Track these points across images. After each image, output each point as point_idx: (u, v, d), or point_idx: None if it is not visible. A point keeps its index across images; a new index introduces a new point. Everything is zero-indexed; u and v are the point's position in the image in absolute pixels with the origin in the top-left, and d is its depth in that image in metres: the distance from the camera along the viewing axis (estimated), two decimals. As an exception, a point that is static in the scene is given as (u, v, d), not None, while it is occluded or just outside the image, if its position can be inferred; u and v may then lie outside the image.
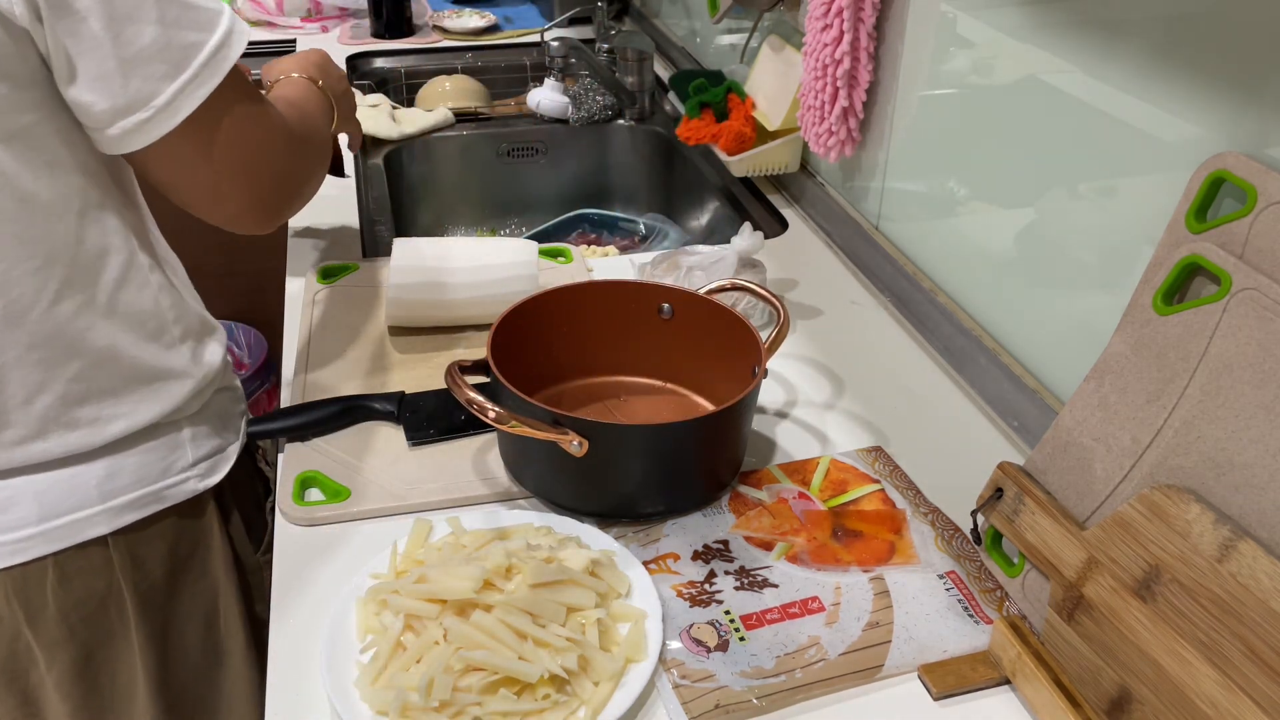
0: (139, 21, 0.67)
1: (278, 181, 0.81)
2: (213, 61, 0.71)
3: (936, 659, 0.73)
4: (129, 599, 0.86)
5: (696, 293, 0.96)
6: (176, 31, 0.68)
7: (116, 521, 0.83)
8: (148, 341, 0.82)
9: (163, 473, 0.85)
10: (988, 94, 0.99)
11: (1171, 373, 0.67)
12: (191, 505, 0.88)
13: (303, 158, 0.86)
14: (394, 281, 1.05)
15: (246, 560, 0.95)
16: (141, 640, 0.88)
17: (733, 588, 0.78)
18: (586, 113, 1.72)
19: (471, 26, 2.10)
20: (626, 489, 0.85)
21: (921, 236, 1.15)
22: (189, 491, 0.87)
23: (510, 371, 0.84)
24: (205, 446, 0.89)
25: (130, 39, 0.67)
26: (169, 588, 0.89)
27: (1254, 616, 0.57)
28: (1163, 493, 0.64)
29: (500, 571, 0.74)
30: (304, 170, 0.87)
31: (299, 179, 0.85)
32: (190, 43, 0.69)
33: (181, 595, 0.90)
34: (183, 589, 0.90)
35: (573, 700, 0.68)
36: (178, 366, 0.84)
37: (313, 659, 0.73)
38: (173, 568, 0.88)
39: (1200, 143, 0.74)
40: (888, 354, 1.10)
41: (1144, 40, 0.79)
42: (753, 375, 0.86)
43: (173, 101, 0.69)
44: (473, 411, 0.79)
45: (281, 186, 0.82)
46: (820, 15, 1.16)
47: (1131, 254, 0.83)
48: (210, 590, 0.92)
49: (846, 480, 0.90)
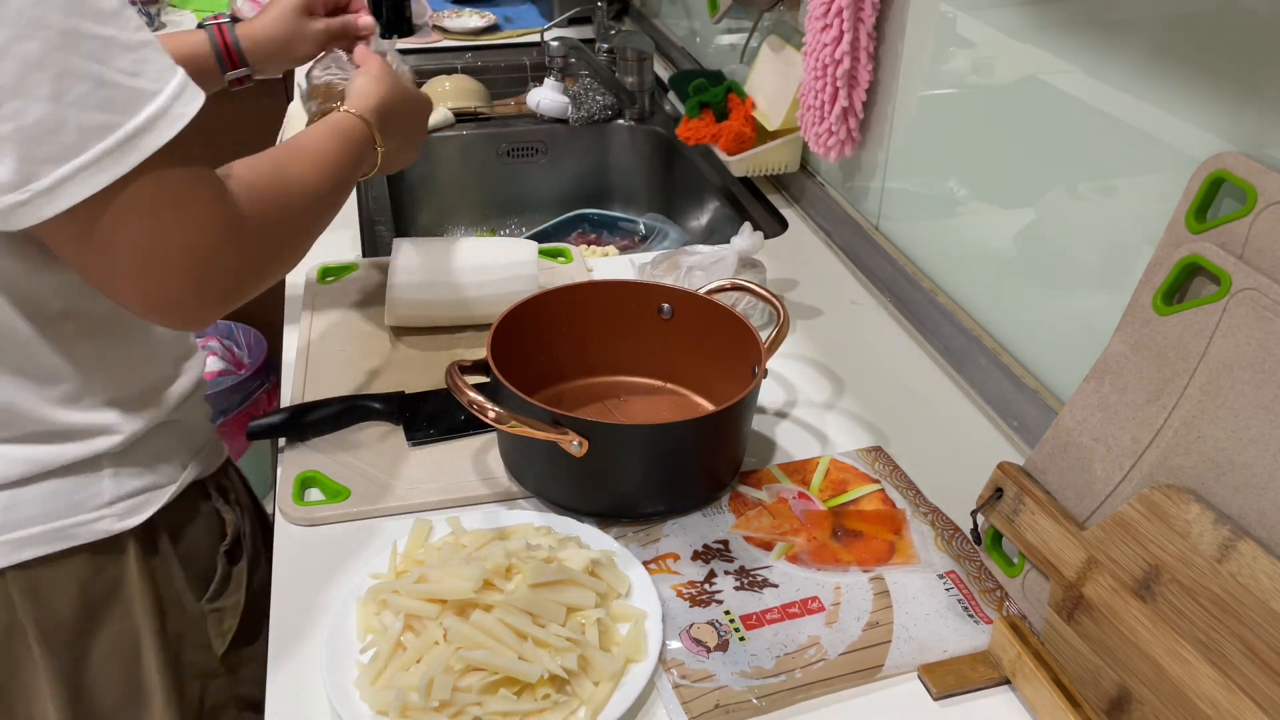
0: (24, 96, 0.58)
1: (205, 280, 0.67)
2: (122, 149, 0.61)
3: (936, 659, 0.73)
4: (32, 635, 0.81)
5: (696, 293, 0.96)
6: (77, 111, 0.59)
7: (16, 556, 0.77)
8: (61, 405, 0.76)
9: (71, 509, 0.78)
10: (988, 94, 0.99)
11: (1171, 373, 0.67)
12: (107, 545, 0.81)
13: (259, 244, 0.71)
14: (394, 281, 1.06)
15: (185, 605, 0.88)
16: (50, 676, 0.83)
17: (733, 588, 0.78)
18: (586, 113, 1.72)
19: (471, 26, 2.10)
20: (626, 489, 0.85)
21: (921, 236, 1.15)
22: (102, 531, 0.80)
23: (510, 371, 0.84)
24: (130, 485, 0.81)
25: (9, 115, 0.58)
26: (80, 627, 0.82)
27: (1254, 616, 0.57)
28: (1163, 493, 0.64)
29: (500, 571, 0.74)
30: (260, 256, 0.72)
31: (246, 271, 0.71)
32: (94, 125, 0.60)
33: (96, 635, 0.83)
34: (98, 629, 0.83)
35: (573, 700, 0.68)
36: (101, 424, 0.78)
37: (313, 659, 0.73)
38: (85, 608, 0.82)
39: (1200, 143, 0.74)
40: (888, 354, 1.10)
41: (1144, 40, 0.79)
42: (753, 375, 0.86)
43: (55, 188, 0.60)
44: (473, 412, 0.79)
45: (211, 283, 0.68)
46: (820, 15, 1.16)
47: (1131, 254, 0.83)
48: (131, 633, 0.85)
49: (846, 480, 0.90)
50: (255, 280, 0.72)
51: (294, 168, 0.78)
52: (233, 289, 0.70)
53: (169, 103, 0.63)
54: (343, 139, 0.85)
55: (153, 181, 0.63)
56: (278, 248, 0.75)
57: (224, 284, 0.69)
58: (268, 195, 0.73)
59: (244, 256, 0.69)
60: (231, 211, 0.68)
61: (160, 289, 0.66)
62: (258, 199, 0.71)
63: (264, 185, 0.74)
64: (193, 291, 0.67)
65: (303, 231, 0.79)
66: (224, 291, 0.69)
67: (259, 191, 0.72)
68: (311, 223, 0.80)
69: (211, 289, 0.68)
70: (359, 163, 0.88)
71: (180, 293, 0.66)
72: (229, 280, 0.69)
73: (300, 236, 0.79)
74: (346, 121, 0.87)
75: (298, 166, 0.78)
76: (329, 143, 0.84)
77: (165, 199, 0.64)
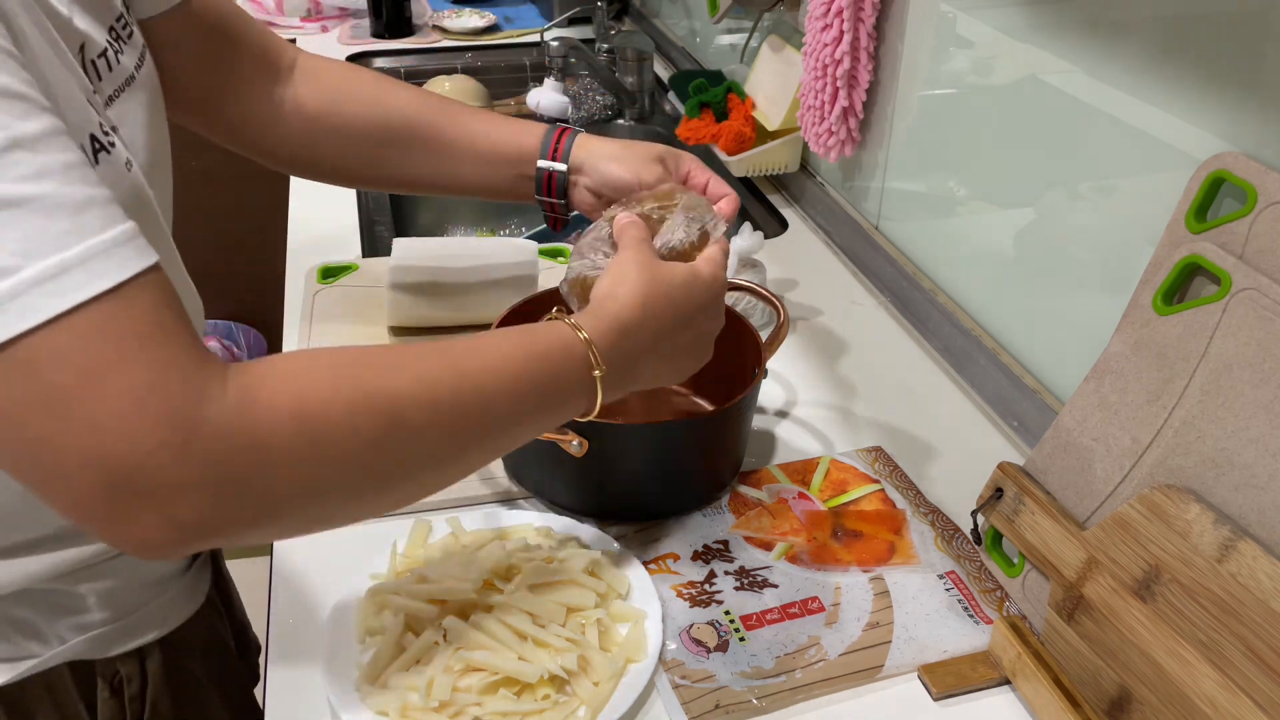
0: None
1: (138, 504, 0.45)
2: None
3: (936, 659, 0.73)
4: None
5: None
6: None
7: None
8: None
9: None
10: (988, 94, 0.99)
11: (1171, 373, 0.67)
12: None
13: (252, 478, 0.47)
14: (394, 281, 1.05)
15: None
16: None
17: (733, 588, 0.78)
18: (586, 113, 1.72)
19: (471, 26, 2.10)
20: (626, 489, 0.85)
21: (921, 236, 1.15)
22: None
23: (510, 372, 0.84)
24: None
25: None
26: None
27: (1254, 616, 0.57)
28: (1163, 493, 0.64)
29: (500, 572, 0.74)
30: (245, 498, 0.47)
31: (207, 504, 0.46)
32: None
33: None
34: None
35: (572, 700, 0.68)
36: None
37: (313, 659, 0.73)
38: None
39: (1200, 143, 0.74)
40: (888, 354, 1.10)
41: (1144, 40, 0.79)
42: (753, 376, 0.86)
43: None
44: (473, 412, 0.79)
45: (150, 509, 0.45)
46: (820, 15, 1.16)
47: (1131, 254, 0.83)
48: None
49: (846, 480, 0.90)
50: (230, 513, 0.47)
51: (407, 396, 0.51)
52: (182, 518, 0.46)
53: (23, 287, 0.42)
54: (539, 373, 0.58)
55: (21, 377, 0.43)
56: (279, 480, 0.48)
57: (162, 509, 0.45)
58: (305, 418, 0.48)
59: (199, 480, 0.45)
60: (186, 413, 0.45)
61: (66, 504, 0.45)
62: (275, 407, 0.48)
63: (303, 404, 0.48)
64: (104, 512, 0.45)
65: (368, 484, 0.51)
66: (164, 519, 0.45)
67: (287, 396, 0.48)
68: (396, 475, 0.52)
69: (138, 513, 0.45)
70: (553, 413, 0.60)
71: (90, 511, 0.45)
72: (169, 504, 0.45)
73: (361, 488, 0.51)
74: (560, 345, 0.59)
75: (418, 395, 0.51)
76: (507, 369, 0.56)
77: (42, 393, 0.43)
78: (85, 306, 0.43)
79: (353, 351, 0.52)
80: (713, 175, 0.85)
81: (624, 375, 0.63)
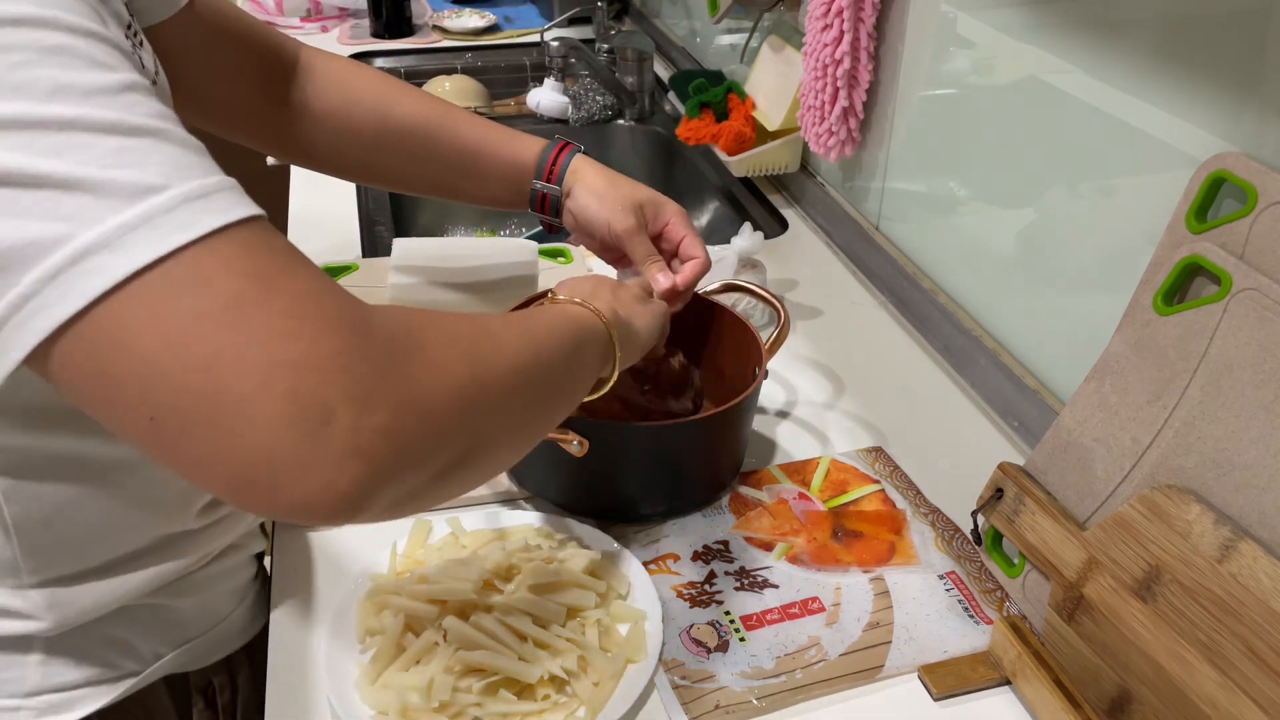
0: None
1: (315, 430, 0.40)
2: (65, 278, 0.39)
3: (936, 659, 0.73)
4: None
5: (696, 293, 0.96)
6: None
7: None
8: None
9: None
10: (988, 94, 0.99)
11: (1172, 373, 0.67)
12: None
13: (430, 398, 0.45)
14: (394, 281, 1.05)
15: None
16: None
17: (733, 588, 0.78)
18: (586, 113, 1.72)
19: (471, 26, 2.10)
20: (627, 490, 0.85)
21: (921, 236, 1.15)
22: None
23: (510, 372, 0.84)
24: (62, 676, 0.65)
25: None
26: None
27: (1254, 617, 0.57)
28: (1163, 493, 0.64)
29: (500, 572, 0.74)
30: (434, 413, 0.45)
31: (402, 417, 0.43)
32: (21, 242, 0.39)
33: None
34: None
35: (573, 701, 0.68)
36: (19, 608, 0.63)
37: (313, 659, 0.73)
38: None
39: (1200, 143, 0.74)
40: (888, 354, 1.10)
41: (1144, 40, 0.79)
42: (753, 376, 0.86)
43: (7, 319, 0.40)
44: (473, 412, 0.79)
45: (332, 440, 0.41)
46: (820, 15, 1.16)
47: (1132, 254, 0.83)
48: None
49: (847, 480, 0.90)
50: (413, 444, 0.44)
51: (498, 330, 0.54)
52: (373, 444, 0.42)
53: (176, 202, 0.42)
54: (575, 336, 0.62)
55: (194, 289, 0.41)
56: (452, 401, 0.47)
57: (352, 429, 0.41)
58: (447, 335, 0.49)
59: (381, 387, 0.42)
60: (356, 315, 0.44)
61: (238, 444, 0.40)
62: (420, 323, 0.48)
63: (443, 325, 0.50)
64: (296, 443, 0.40)
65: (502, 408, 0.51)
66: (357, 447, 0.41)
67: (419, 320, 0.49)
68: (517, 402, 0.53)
69: (328, 437, 0.40)
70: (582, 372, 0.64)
71: (274, 448, 0.40)
72: (359, 424, 0.41)
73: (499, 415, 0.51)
74: (580, 313, 0.65)
75: (505, 331, 0.55)
76: (553, 332, 0.59)
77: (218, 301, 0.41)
78: (236, 226, 0.42)
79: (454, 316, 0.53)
80: (690, 233, 0.86)
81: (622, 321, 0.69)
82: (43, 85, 0.41)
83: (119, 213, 0.40)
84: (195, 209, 0.42)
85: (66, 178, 0.40)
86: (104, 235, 0.40)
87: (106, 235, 0.40)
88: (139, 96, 0.44)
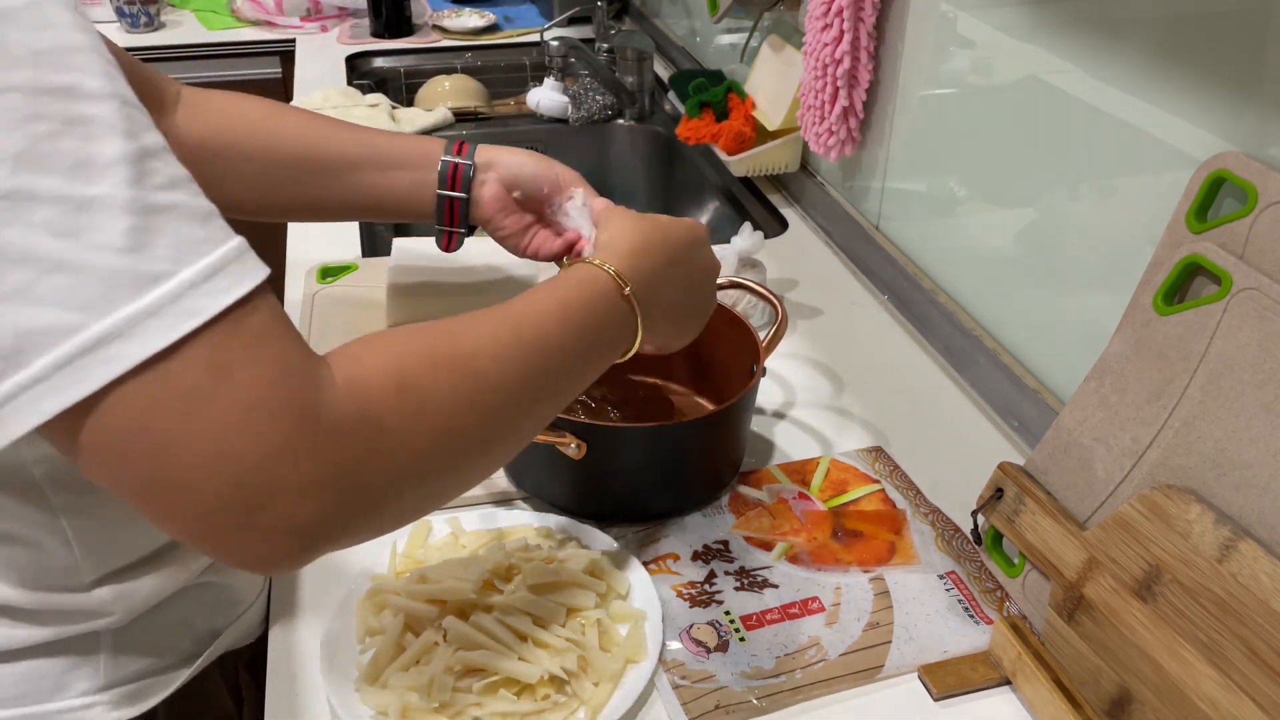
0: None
1: (251, 508, 0.44)
2: (79, 365, 0.42)
3: (936, 659, 0.73)
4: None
5: (696, 293, 0.96)
6: (12, 307, 0.41)
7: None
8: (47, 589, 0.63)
9: (55, 691, 0.65)
10: (988, 94, 0.99)
11: (1172, 373, 0.67)
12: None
13: (360, 461, 0.47)
14: (394, 281, 1.05)
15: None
16: None
17: (733, 588, 0.78)
18: (586, 113, 1.72)
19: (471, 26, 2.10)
20: (626, 490, 0.85)
21: (921, 236, 1.15)
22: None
23: (510, 372, 0.84)
24: (130, 667, 0.68)
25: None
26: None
27: (1254, 617, 0.57)
28: (1163, 493, 0.64)
29: (500, 572, 0.74)
30: (361, 479, 0.47)
31: (328, 497, 0.46)
32: (37, 328, 0.41)
33: None
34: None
35: (572, 701, 0.68)
36: (88, 607, 0.65)
37: (313, 659, 0.73)
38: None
39: (1200, 143, 0.74)
40: (888, 354, 1.10)
41: (1144, 40, 0.79)
42: (751, 374, 0.86)
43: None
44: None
45: (264, 513, 0.45)
46: (820, 15, 1.16)
47: (1132, 254, 0.83)
48: None
49: (846, 480, 0.90)
50: (345, 512, 0.47)
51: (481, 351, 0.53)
52: (302, 522, 0.45)
53: (183, 289, 0.43)
54: (579, 306, 0.61)
55: (156, 380, 0.43)
56: (387, 464, 0.48)
57: (284, 514, 0.45)
58: (391, 377, 0.49)
59: (312, 470, 0.45)
60: (301, 402, 0.45)
61: (188, 518, 0.45)
62: (373, 385, 0.49)
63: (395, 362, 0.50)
64: (230, 523, 0.45)
65: (462, 451, 0.52)
66: (287, 526, 0.45)
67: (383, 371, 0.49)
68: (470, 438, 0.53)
69: (263, 520, 0.45)
70: (601, 345, 0.63)
71: (212, 524, 0.45)
72: (291, 507, 0.45)
73: (456, 457, 0.52)
74: (588, 278, 0.63)
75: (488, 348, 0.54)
76: (552, 311, 0.59)
77: (200, 391, 0.43)
78: (229, 310, 0.44)
79: (426, 325, 0.54)
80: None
81: (648, 295, 0.67)
82: (66, 159, 0.42)
83: (129, 303, 0.42)
84: (197, 293, 0.44)
85: (78, 263, 0.42)
86: (115, 325, 0.42)
87: (118, 325, 0.42)
88: (155, 164, 0.44)
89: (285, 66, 2.10)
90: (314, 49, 2.05)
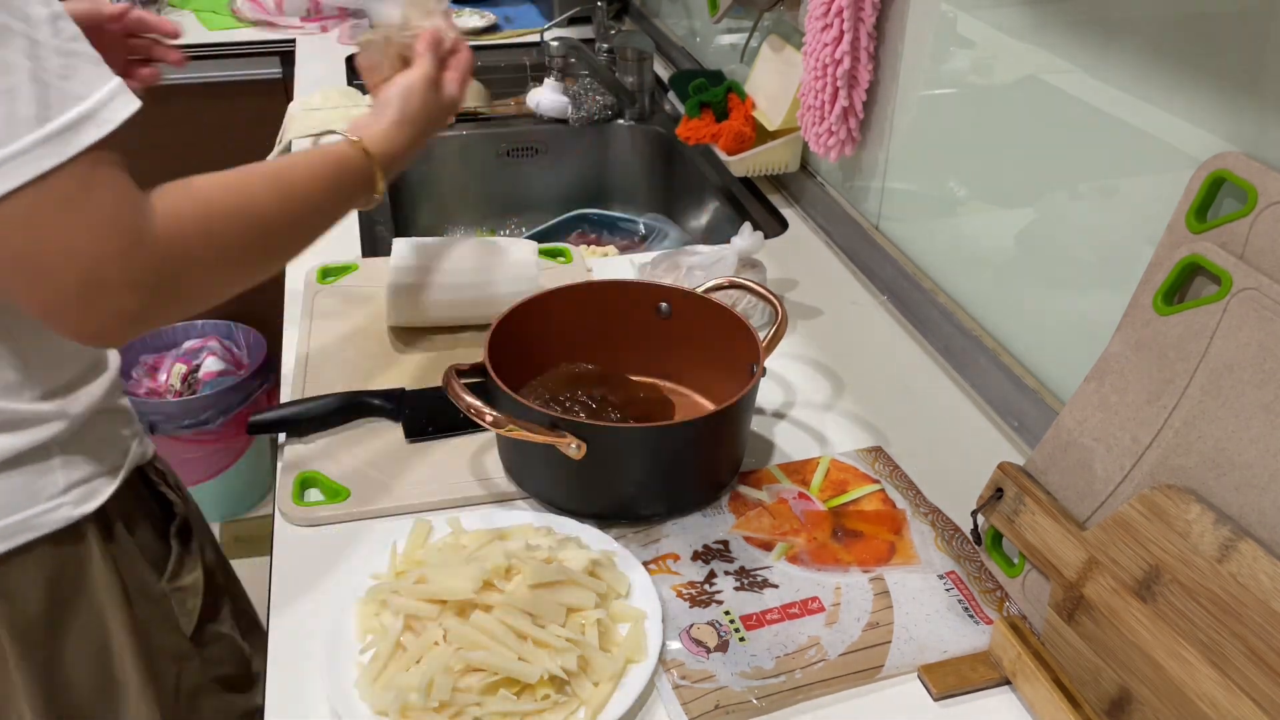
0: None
1: (89, 292, 0.64)
2: (51, 142, 0.61)
3: (936, 659, 0.73)
4: (5, 635, 0.81)
5: (694, 292, 0.96)
6: (7, 102, 0.60)
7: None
8: (4, 395, 0.77)
9: (29, 499, 0.79)
10: (988, 94, 0.99)
11: (1172, 373, 0.67)
12: (67, 533, 0.82)
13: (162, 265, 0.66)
14: (394, 281, 1.05)
15: (148, 589, 0.90)
16: (24, 677, 0.83)
17: (733, 588, 0.78)
18: (586, 113, 1.72)
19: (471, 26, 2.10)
20: (626, 490, 0.85)
21: (921, 236, 1.15)
22: (61, 520, 0.81)
23: (509, 373, 0.84)
24: (79, 471, 0.82)
25: None
26: (50, 620, 0.83)
27: (1254, 617, 0.57)
28: (1163, 493, 0.64)
29: (500, 572, 0.74)
30: (163, 279, 0.67)
31: (142, 291, 0.65)
32: (23, 117, 0.60)
33: (66, 629, 0.84)
34: (67, 622, 0.84)
35: (572, 701, 0.68)
36: (45, 411, 0.79)
37: (313, 659, 0.73)
38: (53, 600, 0.83)
39: (1200, 143, 0.74)
40: (888, 354, 1.10)
41: (1144, 40, 0.79)
42: (751, 374, 0.86)
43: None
44: (470, 416, 0.79)
45: (99, 298, 0.64)
46: (820, 15, 1.16)
47: (1131, 254, 0.83)
48: (98, 623, 0.86)
49: (846, 480, 0.90)
50: (158, 304, 0.67)
51: (260, 196, 0.74)
52: (127, 309, 0.65)
53: (97, 107, 0.63)
54: (333, 177, 0.81)
55: (72, 180, 0.62)
56: (190, 274, 0.69)
57: (115, 302, 0.64)
58: (198, 217, 0.69)
59: (137, 274, 0.64)
60: (134, 224, 0.64)
61: (46, 296, 0.64)
62: (183, 218, 0.68)
63: (200, 207, 0.69)
64: (76, 303, 0.64)
65: (235, 264, 0.73)
66: (116, 310, 0.65)
67: (191, 211, 0.68)
68: (250, 258, 0.74)
69: (100, 304, 0.64)
70: (342, 203, 0.83)
71: (64, 302, 0.64)
72: (120, 298, 0.64)
73: (230, 269, 0.73)
74: (346, 157, 0.83)
75: (264, 196, 0.74)
76: (312, 178, 0.79)
77: (72, 202, 0.62)
78: (108, 137, 0.63)
79: (215, 175, 0.72)
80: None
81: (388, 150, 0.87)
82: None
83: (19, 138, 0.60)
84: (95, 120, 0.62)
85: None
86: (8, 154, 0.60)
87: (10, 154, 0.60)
88: (65, 23, 0.62)
89: (285, 67, 2.10)
90: (314, 49, 2.05)
